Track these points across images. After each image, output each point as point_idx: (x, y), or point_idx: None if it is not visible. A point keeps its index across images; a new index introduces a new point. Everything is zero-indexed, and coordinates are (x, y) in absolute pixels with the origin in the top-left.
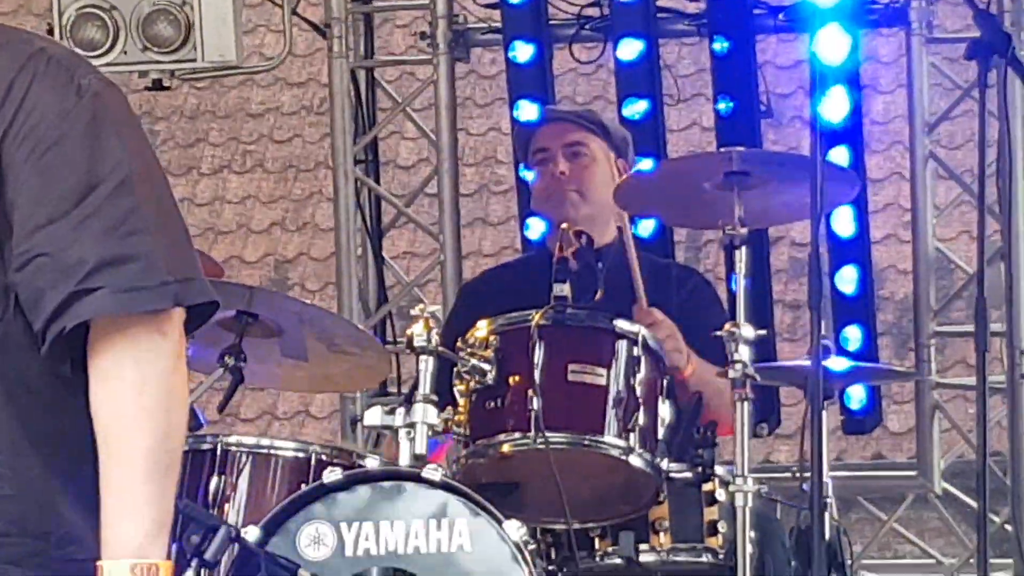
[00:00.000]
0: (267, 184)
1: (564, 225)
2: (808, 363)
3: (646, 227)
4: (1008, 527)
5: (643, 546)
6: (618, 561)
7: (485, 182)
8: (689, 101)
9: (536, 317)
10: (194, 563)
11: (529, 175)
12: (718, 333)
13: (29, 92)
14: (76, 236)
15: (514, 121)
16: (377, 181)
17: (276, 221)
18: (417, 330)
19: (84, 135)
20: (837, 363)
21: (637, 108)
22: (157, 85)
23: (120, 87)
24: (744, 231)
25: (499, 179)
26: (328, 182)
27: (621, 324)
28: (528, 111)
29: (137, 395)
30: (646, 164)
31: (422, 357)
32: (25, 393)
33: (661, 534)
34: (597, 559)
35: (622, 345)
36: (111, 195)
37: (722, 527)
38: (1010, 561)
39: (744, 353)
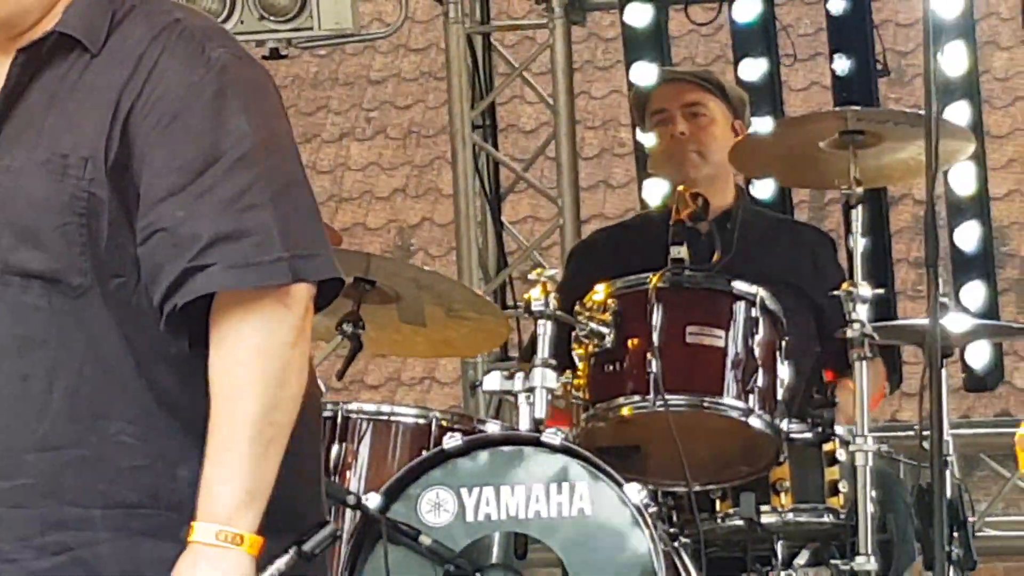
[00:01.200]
0: (389, 151)
1: (680, 188)
2: (926, 321)
3: (764, 188)
4: None
5: (764, 507)
6: (740, 522)
7: (607, 145)
8: (808, 61)
9: (654, 280)
10: (292, 550)
11: (647, 137)
12: (835, 293)
13: (158, 64)
14: (193, 211)
15: (631, 84)
16: (495, 146)
17: (399, 187)
18: (535, 294)
19: (208, 107)
20: (957, 320)
21: (754, 68)
22: (274, 54)
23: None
24: (860, 190)
25: (621, 142)
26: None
27: (739, 285)
28: (645, 74)
29: (252, 361)
30: (764, 124)
31: (540, 321)
32: (158, 364)
33: (782, 495)
34: (718, 521)
35: (740, 307)
36: (230, 169)
37: (843, 487)
38: None
39: (862, 312)
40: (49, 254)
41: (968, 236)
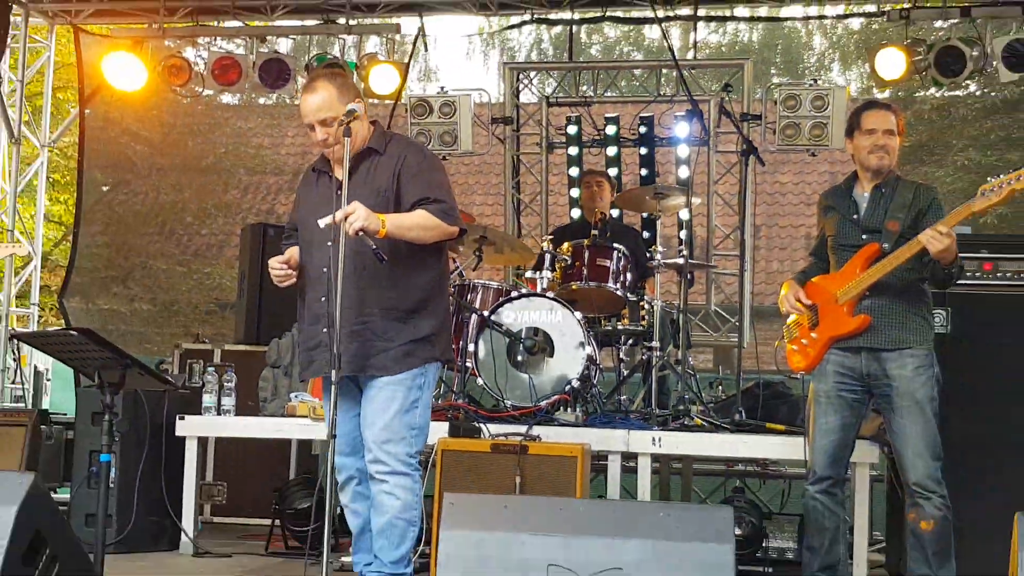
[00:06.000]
0: None
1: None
2: None
3: None
4: None
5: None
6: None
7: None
8: None
9: (586, 242)
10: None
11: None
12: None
13: (406, 158)
14: (422, 192)
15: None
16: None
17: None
18: (545, 246)
19: (427, 170)
20: None
21: None
22: None
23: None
24: None
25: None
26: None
27: (615, 244)
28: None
29: (432, 221)
30: None
31: (546, 254)
32: (400, 265)
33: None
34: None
35: (615, 254)
36: (436, 188)
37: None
38: None
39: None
40: None
41: None
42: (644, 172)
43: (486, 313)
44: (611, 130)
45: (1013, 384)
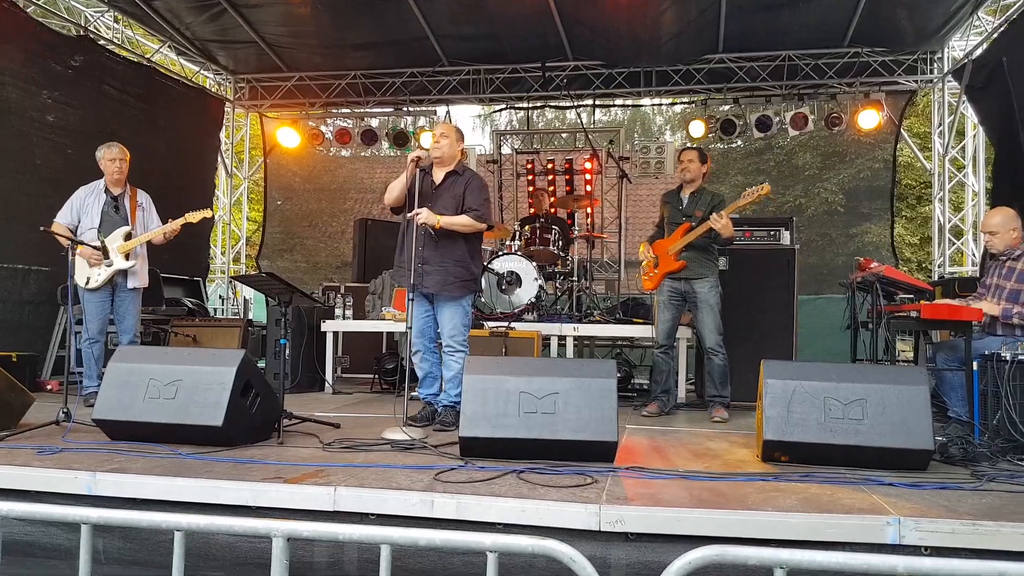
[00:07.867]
0: None
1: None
2: None
3: None
4: None
5: None
6: None
7: None
8: None
9: (537, 225)
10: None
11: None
12: None
13: (471, 180)
14: (470, 203)
15: None
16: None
17: None
18: (516, 227)
19: (477, 191)
20: None
21: None
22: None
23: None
24: None
25: None
26: None
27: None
28: None
29: (473, 222)
30: None
31: (516, 230)
32: (461, 240)
33: None
34: None
35: (555, 228)
36: (479, 202)
37: None
38: None
39: None
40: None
41: None
42: (568, 188)
43: (486, 263)
44: (549, 167)
45: (758, 293)
